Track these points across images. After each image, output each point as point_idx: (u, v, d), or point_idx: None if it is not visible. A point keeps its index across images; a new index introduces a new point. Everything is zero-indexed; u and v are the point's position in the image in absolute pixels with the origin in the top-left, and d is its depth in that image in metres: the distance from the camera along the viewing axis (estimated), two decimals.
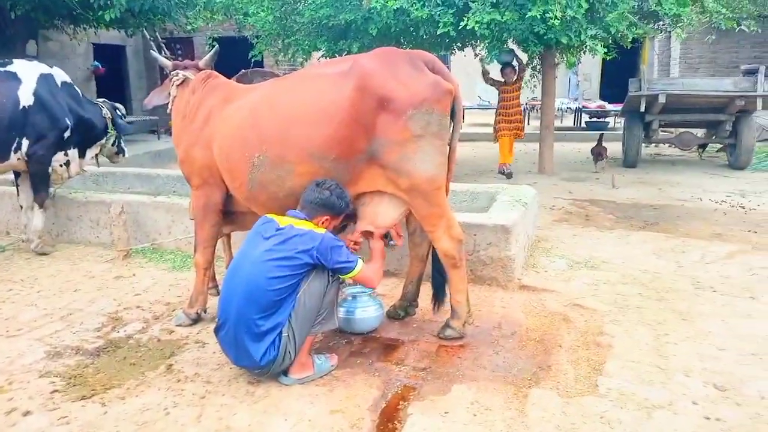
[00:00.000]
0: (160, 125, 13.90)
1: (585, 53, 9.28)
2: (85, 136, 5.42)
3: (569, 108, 16.81)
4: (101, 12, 9.67)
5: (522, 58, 8.78)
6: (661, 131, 9.90)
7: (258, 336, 2.78)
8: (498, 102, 8.97)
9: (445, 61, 12.95)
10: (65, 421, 2.64)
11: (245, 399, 2.80)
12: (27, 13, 9.95)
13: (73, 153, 5.38)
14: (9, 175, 5.40)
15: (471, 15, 6.68)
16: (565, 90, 17.69)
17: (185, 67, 3.96)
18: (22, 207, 5.36)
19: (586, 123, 15.53)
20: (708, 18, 7.74)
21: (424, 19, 7.00)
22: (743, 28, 8.49)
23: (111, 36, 14.02)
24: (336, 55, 8.18)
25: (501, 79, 8.87)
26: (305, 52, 8.69)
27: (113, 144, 5.70)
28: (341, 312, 3.34)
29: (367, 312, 3.43)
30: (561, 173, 8.90)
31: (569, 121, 16.57)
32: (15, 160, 5.01)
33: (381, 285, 4.01)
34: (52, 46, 12.66)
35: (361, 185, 3.17)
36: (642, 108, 9.07)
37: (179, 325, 3.62)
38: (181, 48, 15.66)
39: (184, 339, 3.46)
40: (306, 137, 3.08)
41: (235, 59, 10.49)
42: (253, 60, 9.67)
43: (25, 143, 4.98)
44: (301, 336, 2.84)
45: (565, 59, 9.63)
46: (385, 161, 3.07)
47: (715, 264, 4.65)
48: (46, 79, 5.09)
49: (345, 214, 3.09)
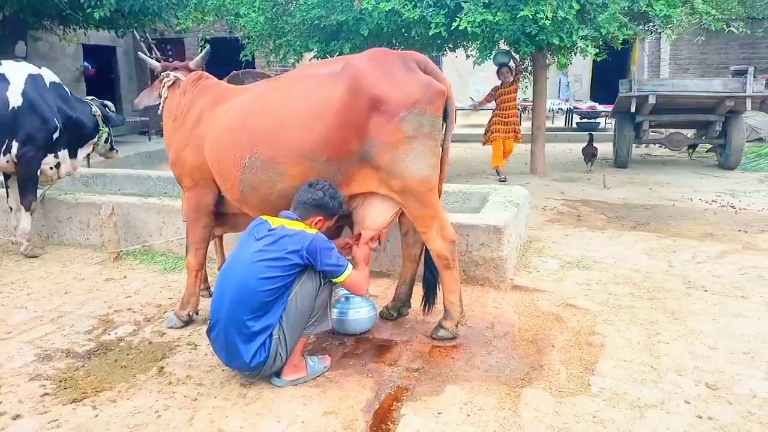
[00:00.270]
0: (150, 126, 13.84)
1: (576, 54, 9.31)
2: (76, 136, 5.39)
3: (560, 109, 16.87)
4: (91, 11, 9.61)
5: (518, 59, 8.65)
6: (652, 132, 9.97)
7: (248, 337, 2.77)
8: (495, 104, 8.73)
9: (437, 62, 12.99)
10: (56, 425, 2.61)
11: (237, 401, 2.78)
12: (15, 14, 9.88)
13: (64, 154, 5.34)
14: None
15: (463, 15, 6.70)
16: (556, 91, 17.75)
17: (175, 68, 3.94)
18: (11, 209, 5.32)
19: (577, 124, 15.60)
20: (697, 19, 7.80)
21: (415, 20, 7.00)
22: (732, 29, 8.56)
23: (101, 37, 13.95)
24: (328, 56, 8.16)
25: (493, 87, 8.69)
26: (297, 53, 8.67)
27: (106, 141, 5.67)
28: (334, 313, 3.32)
29: (360, 313, 3.43)
30: (552, 174, 8.94)
31: (560, 122, 16.64)
32: (4, 162, 4.97)
33: (374, 286, 4.03)
34: (41, 46, 12.58)
35: (354, 186, 3.17)
36: (632, 109, 9.12)
37: (171, 327, 3.60)
38: (172, 49, 15.61)
39: (175, 341, 3.44)
40: (298, 138, 3.07)
41: (227, 60, 10.47)
42: (245, 61, 9.64)
43: (15, 145, 4.93)
44: (293, 338, 2.83)
45: (556, 60, 9.67)
46: (378, 162, 3.07)
47: (707, 263, 4.67)
48: (34, 80, 5.05)
49: (339, 215, 3.08)
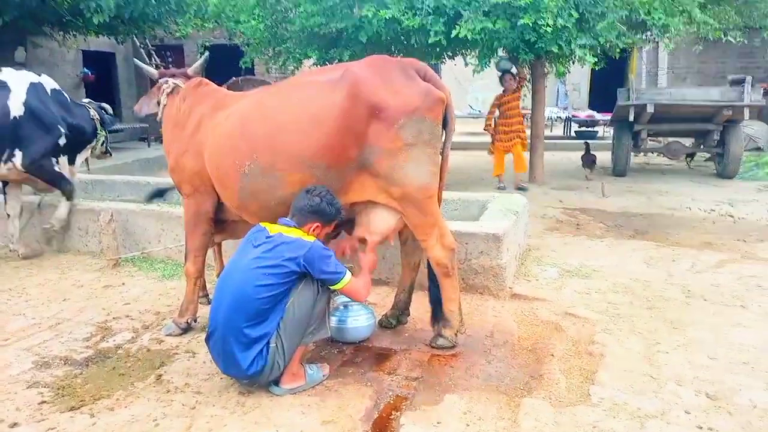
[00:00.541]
0: (150, 133, 13.83)
1: (574, 63, 9.33)
2: (77, 142, 5.40)
3: (559, 117, 16.90)
4: (90, 17, 9.61)
5: (520, 68, 8.42)
6: (650, 140, 9.98)
7: (246, 345, 2.75)
8: (498, 112, 8.57)
9: (436, 70, 13.01)
10: None
11: (236, 410, 2.77)
12: (15, 20, 9.88)
13: (63, 161, 5.33)
14: None
15: (463, 23, 6.71)
16: (555, 99, 17.79)
17: (173, 75, 3.95)
18: (8, 215, 5.31)
19: (575, 132, 15.63)
20: (695, 29, 7.82)
21: (415, 28, 7.01)
22: (730, 38, 8.56)
23: (100, 43, 13.97)
24: (327, 63, 8.18)
25: (496, 96, 8.57)
26: (296, 60, 8.68)
27: (102, 144, 5.68)
28: (333, 321, 3.31)
29: (359, 321, 3.42)
30: (551, 182, 8.94)
31: (559, 131, 16.66)
32: (5, 170, 4.97)
33: (373, 294, 4.01)
34: (41, 53, 12.57)
35: (353, 194, 3.17)
36: (631, 118, 9.13)
37: (169, 335, 3.59)
38: (172, 55, 15.62)
39: (174, 349, 3.43)
40: (297, 145, 3.07)
41: (226, 67, 10.49)
42: (244, 68, 9.66)
43: (18, 154, 4.94)
44: (291, 346, 2.82)
45: (555, 69, 9.69)
46: (377, 170, 3.07)
47: (705, 273, 4.67)
48: (35, 88, 5.06)
49: (336, 221, 3.07)
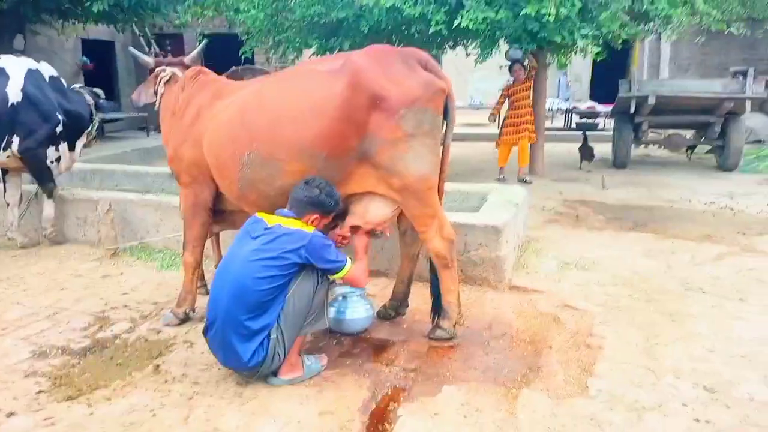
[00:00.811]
0: (149, 122, 13.79)
1: (576, 54, 9.28)
2: (75, 128, 5.38)
3: (560, 109, 16.84)
4: (89, 4, 9.56)
5: (530, 57, 8.17)
6: (651, 132, 9.94)
7: (246, 337, 2.75)
8: (508, 103, 8.47)
9: (437, 60, 12.95)
10: (50, 422, 2.60)
11: (233, 400, 2.77)
12: (14, 8, 9.83)
13: (64, 147, 5.32)
14: None
15: (464, 13, 6.66)
16: (556, 91, 17.72)
17: (169, 64, 3.92)
18: (8, 204, 5.29)
19: (576, 124, 15.58)
20: (698, 20, 7.77)
21: (416, 18, 6.96)
22: (732, 30, 8.52)
23: (100, 31, 13.88)
24: (327, 53, 8.13)
25: (504, 86, 8.44)
26: (296, 49, 8.63)
27: (95, 129, 5.66)
28: (331, 312, 3.31)
29: (358, 312, 3.41)
30: (551, 174, 8.92)
31: (560, 122, 16.61)
32: (4, 157, 4.95)
33: (371, 285, 4.00)
34: (39, 41, 12.50)
35: (353, 185, 3.15)
36: (632, 109, 9.10)
37: (167, 325, 3.59)
38: (171, 44, 15.54)
39: (171, 339, 3.43)
40: (297, 135, 3.05)
41: (226, 56, 10.42)
42: (244, 57, 9.60)
43: (16, 140, 4.92)
44: (291, 337, 2.81)
45: (556, 60, 9.63)
46: (377, 160, 3.05)
47: (705, 265, 4.66)
48: (33, 75, 5.03)
49: (334, 212, 3.06)
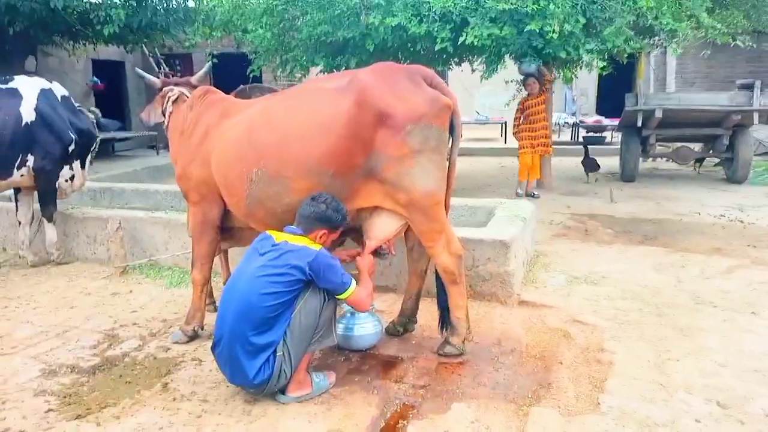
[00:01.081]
0: (158, 140, 13.91)
1: (581, 68, 9.31)
2: (86, 146, 5.46)
3: (566, 123, 16.85)
4: (100, 27, 9.71)
5: (544, 69, 8.06)
6: (659, 146, 9.92)
7: (252, 354, 2.74)
8: (523, 117, 8.36)
9: (443, 76, 12.99)
10: None
11: (242, 418, 2.76)
12: (26, 30, 9.99)
13: (76, 166, 5.40)
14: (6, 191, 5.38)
15: (469, 30, 6.71)
16: (562, 105, 17.75)
17: (176, 84, 3.97)
18: (20, 223, 5.34)
19: (583, 138, 15.58)
20: (703, 33, 7.78)
21: (421, 35, 7.03)
22: (738, 43, 8.51)
23: (110, 52, 14.09)
24: (334, 71, 8.19)
25: (520, 100, 8.41)
26: (303, 67, 8.72)
27: (96, 147, 5.76)
28: (339, 329, 3.30)
29: (366, 329, 3.39)
30: (559, 188, 8.90)
31: (567, 136, 16.62)
32: (18, 176, 5.02)
33: (380, 301, 4.00)
34: (51, 62, 12.71)
35: (359, 200, 3.16)
36: (639, 123, 9.09)
37: (176, 343, 3.59)
38: (180, 64, 15.72)
39: (180, 356, 3.43)
40: (304, 152, 3.07)
41: (234, 75, 10.52)
42: (252, 75, 9.70)
43: (31, 159, 5.00)
44: (297, 354, 2.80)
45: (562, 74, 9.66)
46: (384, 176, 3.06)
47: (715, 279, 4.62)
48: (46, 95, 5.12)
49: (342, 227, 3.07)
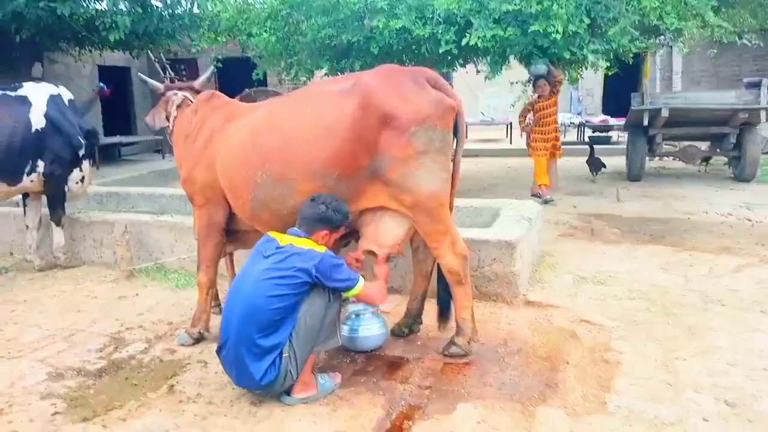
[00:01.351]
0: (164, 145, 13.96)
1: (587, 68, 9.28)
2: (92, 147, 5.49)
3: (572, 123, 16.81)
4: (106, 33, 9.77)
5: (554, 70, 7.86)
6: (665, 145, 9.87)
7: (258, 355, 2.75)
8: (533, 119, 8.19)
9: (447, 78, 12.98)
10: None
11: (248, 420, 2.76)
12: (32, 37, 10.06)
13: (86, 166, 5.43)
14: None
15: (473, 32, 6.71)
16: (568, 105, 17.71)
17: (179, 89, 3.98)
18: (27, 227, 5.37)
19: (589, 138, 15.53)
20: (709, 32, 7.74)
21: (425, 38, 7.03)
22: (744, 41, 8.46)
23: (116, 58, 14.15)
24: (338, 74, 8.20)
25: (529, 101, 8.32)
26: (308, 71, 8.72)
27: None
28: (344, 330, 3.30)
29: (371, 330, 3.40)
30: (565, 188, 8.87)
31: (573, 136, 16.57)
32: (28, 182, 5.06)
33: (385, 302, 3.98)
34: (57, 68, 12.78)
35: (364, 202, 3.16)
36: (645, 122, 9.05)
37: (182, 345, 3.60)
38: (186, 69, 15.79)
39: (186, 359, 3.43)
40: (308, 155, 3.08)
41: (239, 79, 10.57)
42: (257, 79, 9.73)
43: (41, 165, 5.03)
44: (303, 355, 2.81)
45: (567, 75, 9.64)
46: (388, 178, 3.06)
47: (723, 278, 4.59)
48: (55, 100, 5.17)
49: (344, 226, 3.07)
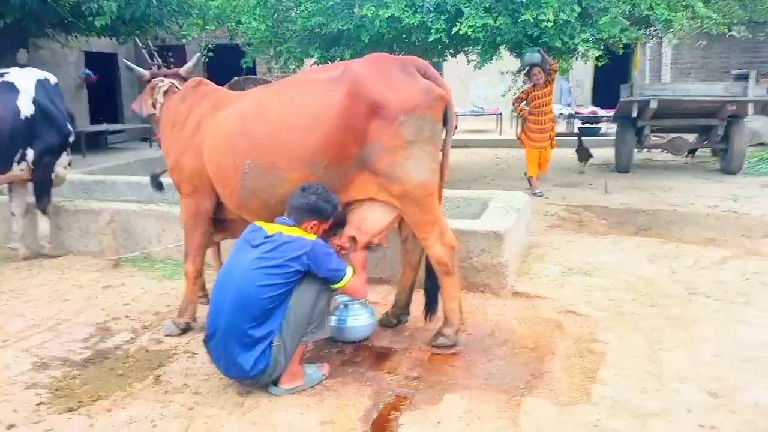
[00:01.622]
0: (151, 133, 13.84)
1: (577, 59, 9.28)
2: (74, 130, 5.45)
3: (562, 114, 16.84)
4: (92, 19, 9.63)
5: (548, 58, 7.75)
6: (653, 136, 9.92)
7: (248, 345, 2.74)
8: (528, 108, 8.05)
9: (438, 68, 12.95)
10: None
11: (234, 410, 2.75)
12: (17, 22, 9.90)
13: (68, 150, 5.38)
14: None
15: (464, 20, 6.68)
16: (558, 96, 17.74)
17: (165, 75, 3.94)
18: (13, 214, 5.30)
19: (578, 129, 15.57)
20: (699, 23, 7.76)
21: (416, 26, 6.99)
22: (734, 33, 8.52)
23: (102, 44, 13.99)
24: (329, 62, 8.15)
25: (524, 90, 8.22)
26: (297, 59, 8.66)
27: None
28: (333, 320, 3.30)
29: (359, 320, 3.40)
30: (554, 179, 8.90)
31: (562, 127, 16.60)
32: (18, 170, 4.99)
33: (374, 293, 3.99)
34: (43, 54, 12.60)
35: (353, 192, 3.15)
36: (634, 114, 9.08)
37: (168, 335, 3.58)
38: (173, 56, 15.62)
39: (173, 349, 3.42)
40: (297, 143, 3.05)
41: (228, 66, 10.47)
42: (246, 67, 9.64)
43: (30, 153, 4.96)
44: (293, 345, 2.80)
45: (558, 65, 9.63)
46: (377, 167, 3.05)
47: (709, 269, 4.63)
48: (43, 85, 5.09)
49: (333, 217, 3.05)
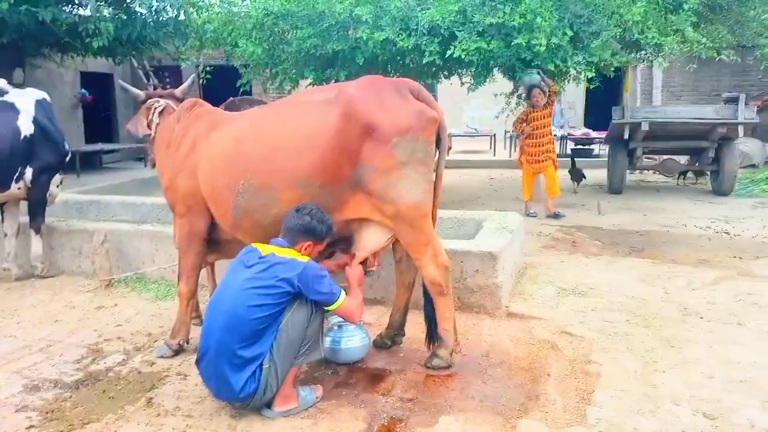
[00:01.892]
0: (146, 153, 13.85)
1: (569, 81, 9.39)
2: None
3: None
4: (89, 40, 9.70)
5: (547, 79, 7.73)
6: (645, 158, 10.01)
7: (238, 366, 2.72)
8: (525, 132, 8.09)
9: (432, 89, 13.07)
10: None
11: None
12: (14, 42, 9.95)
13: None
14: None
15: (457, 44, 6.77)
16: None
17: (160, 96, 3.96)
18: (6, 234, 5.28)
19: (571, 150, 15.69)
20: (689, 47, 7.89)
21: (410, 49, 7.07)
22: (723, 57, 8.65)
23: (98, 64, 14.05)
24: (324, 83, 8.21)
25: (523, 111, 8.23)
26: (293, 80, 8.73)
27: None
28: (326, 342, 3.28)
29: (353, 341, 3.38)
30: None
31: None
32: (15, 189, 5.01)
33: (368, 313, 3.97)
34: (39, 74, 12.64)
35: (347, 212, 3.16)
36: (626, 135, 9.18)
37: (161, 357, 3.55)
38: (170, 76, 15.70)
39: (165, 371, 3.39)
40: (291, 164, 3.07)
41: (224, 87, 10.53)
42: (242, 88, 9.70)
43: (29, 172, 4.98)
44: (284, 368, 2.78)
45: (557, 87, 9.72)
46: (371, 188, 3.07)
47: (702, 290, 4.65)
48: (42, 105, 5.14)
49: (328, 238, 3.06)
